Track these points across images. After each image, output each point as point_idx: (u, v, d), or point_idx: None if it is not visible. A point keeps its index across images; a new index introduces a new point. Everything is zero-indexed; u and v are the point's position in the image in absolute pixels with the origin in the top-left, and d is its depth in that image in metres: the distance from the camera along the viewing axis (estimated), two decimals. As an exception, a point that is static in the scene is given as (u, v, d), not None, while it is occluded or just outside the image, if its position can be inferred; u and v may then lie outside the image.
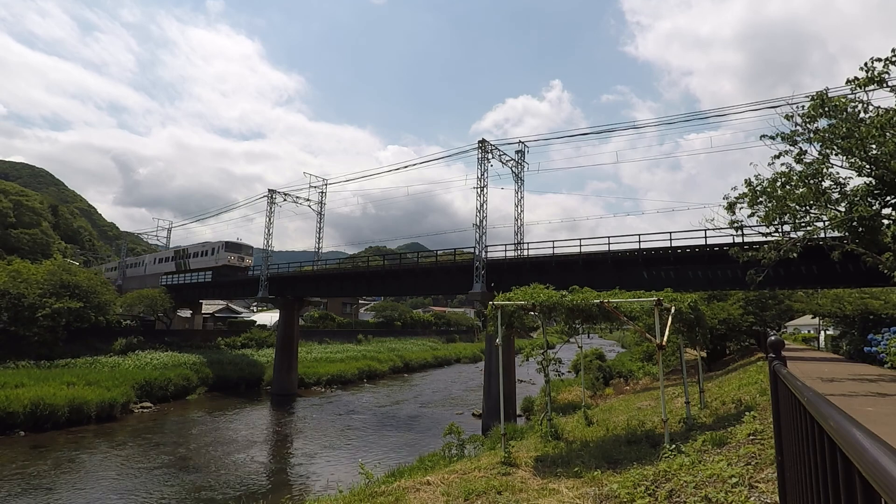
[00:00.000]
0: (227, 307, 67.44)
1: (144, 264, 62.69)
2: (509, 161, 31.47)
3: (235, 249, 50.30)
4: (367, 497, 7.35)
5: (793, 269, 20.90)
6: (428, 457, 12.49)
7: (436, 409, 32.23)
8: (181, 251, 57.24)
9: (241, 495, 16.18)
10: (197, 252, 53.95)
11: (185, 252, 56.13)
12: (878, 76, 11.55)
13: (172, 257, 57.79)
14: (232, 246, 50.27)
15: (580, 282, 13.61)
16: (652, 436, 9.30)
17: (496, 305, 9.77)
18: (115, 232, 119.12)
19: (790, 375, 2.39)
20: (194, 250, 54.57)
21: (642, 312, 9.42)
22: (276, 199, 42.93)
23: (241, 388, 37.54)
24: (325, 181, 45.43)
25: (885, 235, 11.66)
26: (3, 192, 75.95)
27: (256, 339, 49.14)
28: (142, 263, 63.59)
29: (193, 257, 54.05)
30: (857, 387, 11.25)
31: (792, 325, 47.92)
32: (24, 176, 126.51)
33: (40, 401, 23.59)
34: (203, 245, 54.17)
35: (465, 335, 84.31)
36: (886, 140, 11.11)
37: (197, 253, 53.83)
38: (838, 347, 26.15)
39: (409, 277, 34.52)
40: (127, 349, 38.90)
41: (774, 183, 13.28)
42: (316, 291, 41.76)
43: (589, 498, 6.03)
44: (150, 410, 29.09)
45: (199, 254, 53.44)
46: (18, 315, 33.88)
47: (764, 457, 5.79)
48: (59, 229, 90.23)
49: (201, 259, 52.68)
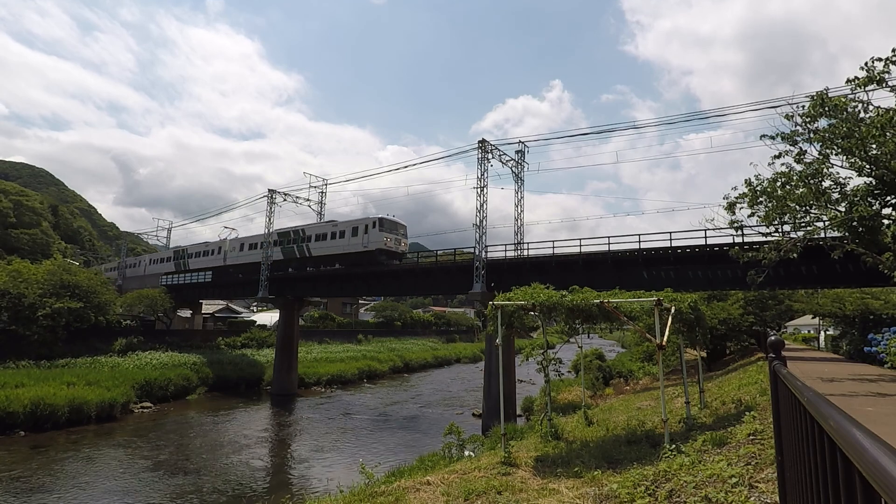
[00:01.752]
0: (227, 307, 67.43)
1: (224, 252, 49.17)
2: (509, 161, 31.48)
3: (392, 229, 36.77)
4: (367, 497, 7.35)
5: (793, 269, 20.90)
6: (428, 457, 12.50)
7: (436, 409, 32.23)
8: (296, 231, 41.86)
9: (241, 495, 16.20)
10: (322, 234, 39.81)
11: (302, 234, 41.25)
12: (879, 76, 11.54)
13: (278, 241, 42.49)
14: (388, 224, 36.70)
15: (580, 282, 13.60)
16: (652, 436, 9.30)
17: (496, 305, 9.77)
18: (115, 232, 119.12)
19: (790, 375, 2.39)
20: (315, 231, 40.57)
21: (642, 312, 9.42)
22: (276, 199, 42.88)
23: (241, 388, 37.54)
24: (325, 181, 45.44)
25: (885, 235, 11.65)
26: (3, 192, 75.95)
27: (256, 339, 49.12)
28: (220, 250, 49.76)
29: (316, 240, 40.06)
30: (857, 387, 11.25)
31: (792, 325, 47.92)
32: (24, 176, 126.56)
33: (40, 401, 23.58)
34: (331, 225, 39.89)
35: (465, 335, 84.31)
36: (886, 140, 11.11)
37: (322, 235, 39.70)
38: (838, 347, 26.15)
39: (409, 277, 34.52)
40: (127, 349, 38.89)
41: (774, 183, 13.28)
42: (316, 291, 41.75)
43: (589, 498, 6.02)
44: (150, 410, 29.09)
45: (326, 236, 39.40)
46: (18, 315, 33.88)
47: (764, 457, 5.79)
48: (59, 229, 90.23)
49: (329, 243, 38.91)
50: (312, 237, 40.31)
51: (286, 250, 41.92)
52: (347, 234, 37.73)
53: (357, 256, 36.77)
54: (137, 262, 65.09)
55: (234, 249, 48.03)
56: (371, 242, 35.97)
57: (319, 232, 40.10)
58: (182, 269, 54.43)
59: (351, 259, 37.17)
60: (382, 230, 35.97)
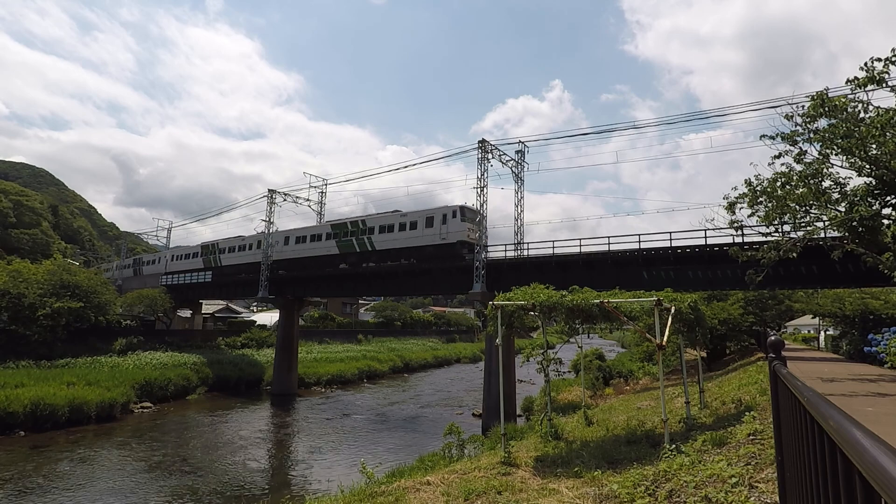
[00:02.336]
0: (227, 307, 67.44)
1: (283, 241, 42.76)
2: (509, 161, 31.48)
3: (473, 218, 31.21)
4: (367, 497, 7.35)
5: (793, 269, 20.90)
6: (428, 457, 12.50)
7: (436, 409, 32.23)
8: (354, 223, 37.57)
9: (241, 495, 16.20)
10: (388, 225, 35.13)
11: (363, 226, 36.67)
12: (879, 76, 11.53)
13: (332, 234, 38.64)
14: (469, 213, 31.66)
15: (580, 282, 13.60)
16: (652, 436, 9.30)
17: (496, 305, 9.77)
18: (115, 232, 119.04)
19: (790, 375, 2.39)
20: (379, 223, 35.80)
21: (642, 312, 9.42)
22: (276, 199, 42.91)
23: (241, 388, 37.54)
24: (325, 181, 45.46)
25: (885, 235, 11.65)
26: (3, 192, 75.96)
27: (256, 339, 49.14)
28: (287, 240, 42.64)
29: (380, 232, 35.47)
30: (857, 387, 11.25)
31: (792, 325, 47.94)
32: (24, 176, 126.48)
33: (40, 401, 23.59)
34: (398, 215, 35.39)
35: (465, 335, 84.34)
36: (886, 140, 11.11)
37: (389, 227, 35.12)
38: (838, 347, 26.15)
39: (408, 277, 34.51)
40: (127, 349, 38.92)
41: (774, 183, 13.28)
42: (316, 291, 41.75)
43: (589, 498, 6.03)
44: (150, 410, 29.09)
45: (393, 227, 34.89)
46: (18, 315, 33.91)
47: (764, 457, 5.79)
48: (59, 229, 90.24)
49: (396, 236, 34.53)
50: (376, 229, 35.88)
51: (343, 244, 37.69)
52: (420, 225, 33.21)
53: (434, 250, 32.49)
54: (156, 259, 60.08)
55: (278, 243, 42.41)
56: (451, 234, 31.58)
57: (385, 223, 35.56)
58: (215, 264, 49.43)
59: (426, 253, 32.99)
60: (464, 220, 31.32)
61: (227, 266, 48.49)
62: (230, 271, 48.08)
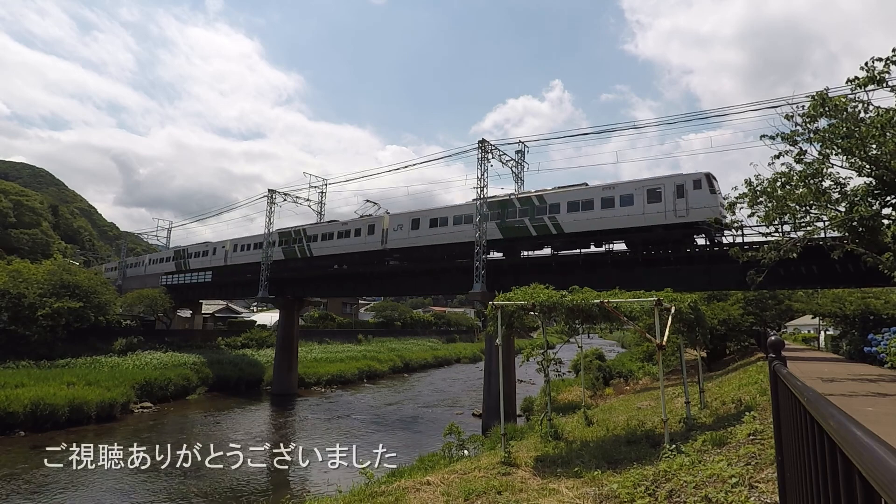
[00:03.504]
0: (227, 307, 67.44)
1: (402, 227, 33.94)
2: (509, 161, 31.49)
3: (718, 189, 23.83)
4: (367, 497, 7.35)
5: (793, 269, 20.88)
6: (428, 457, 12.50)
7: (436, 409, 32.23)
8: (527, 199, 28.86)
9: (241, 495, 16.20)
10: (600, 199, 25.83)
11: (541, 202, 27.89)
12: (879, 76, 11.53)
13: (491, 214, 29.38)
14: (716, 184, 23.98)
15: (580, 282, 13.59)
16: (652, 436, 9.30)
17: (496, 305, 9.77)
18: (116, 232, 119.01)
19: (790, 375, 2.39)
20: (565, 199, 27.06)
21: (642, 312, 9.42)
22: (276, 199, 42.89)
23: (241, 388, 37.52)
24: (325, 181, 45.41)
25: (885, 235, 11.65)
26: (3, 192, 75.98)
27: (256, 339, 49.11)
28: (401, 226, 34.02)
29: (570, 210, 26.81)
30: (857, 387, 11.25)
31: (792, 325, 47.92)
32: (24, 176, 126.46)
33: (40, 401, 23.58)
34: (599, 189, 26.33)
35: (465, 335, 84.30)
36: (886, 140, 11.11)
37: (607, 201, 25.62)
38: (838, 347, 26.14)
39: (408, 277, 34.51)
40: (127, 349, 38.89)
41: (774, 183, 13.27)
42: (316, 291, 41.74)
43: (589, 498, 6.03)
44: (150, 410, 29.09)
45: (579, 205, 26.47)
46: (18, 315, 33.91)
47: (764, 457, 5.79)
48: (59, 229, 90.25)
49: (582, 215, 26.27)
50: (562, 206, 26.91)
51: (507, 227, 29.18)
52: (641, 200, 24.49)
53: (664, 231, 24.30)
54: (208, 250, 50.70)
55: (401, 227, 33.90)
56: (691, 211, 23.21)
57: (574, 199, 26.76)
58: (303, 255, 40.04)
59: (655, 234, 24.60)
60: (713, 192, 23.17)
61: (321, 257, 38.36)
62: (321, 263, 38.19)
